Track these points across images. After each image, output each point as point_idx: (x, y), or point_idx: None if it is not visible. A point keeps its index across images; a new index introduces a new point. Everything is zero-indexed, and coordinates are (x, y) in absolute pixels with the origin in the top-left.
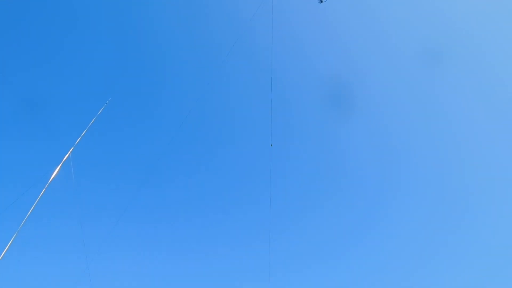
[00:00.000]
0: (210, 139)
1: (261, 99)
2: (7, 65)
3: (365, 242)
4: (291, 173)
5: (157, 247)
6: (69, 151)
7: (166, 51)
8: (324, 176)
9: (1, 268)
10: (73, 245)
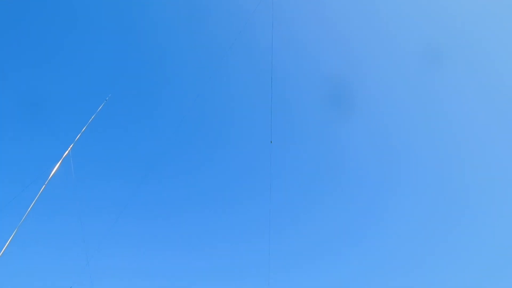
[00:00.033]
0: (210, 136)
1: (261, 96)
2: (6, 62)
3: (365, 240)
4: (291, 170)
5: (157, 244)
6: (69, 147)
7: (165, 48)
8: (324, 173)
9: (1, 265)
10: (73, 242)
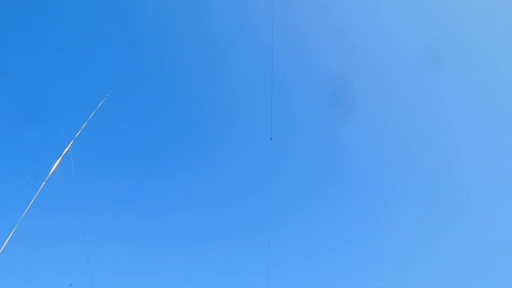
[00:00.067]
0: (210, 133)
1: (262, 94)
2: (7, 59)
3: (364, 237)
4: (291, 167)
5: (157, 241)
6: (69, 144)
7: (165, 45)
8: (324, 171)
9: (1, 262)
10: (73, 239)
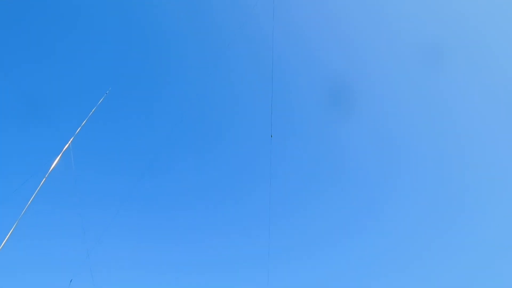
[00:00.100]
0: (211, 130)
1: (262, 91)
2: (8, 55)
3: (364, 234)
4: (291, 165)
5: (157, 237)
6: (69, 141)
7: (166, 42)
8: (324, 169)
9: (1, 257)
10: (73, 235)
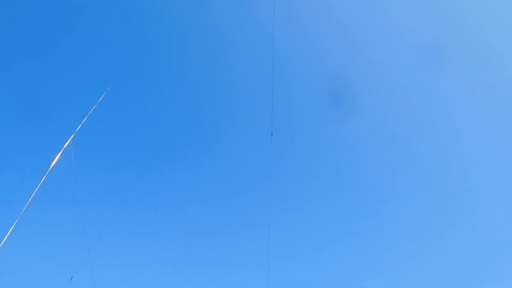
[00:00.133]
0: (211, 127)
1: (263, 90)
2: (8, 53)
3: (364, 234)
4: (292, 163)
5: (157, 234)
6: (70, 138)
7: (166, 39)
8: (325, 167)
9: (2, 254)
10: (74, 232)
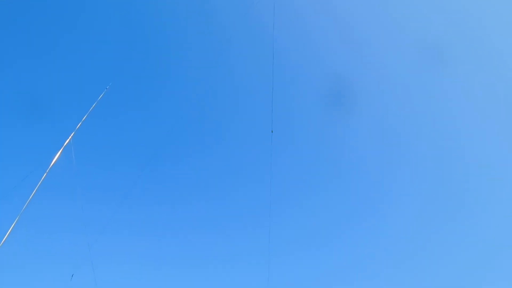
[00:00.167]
0: (211, 125)
1: (263, 87)
2: (8, 50)
3: (364, 232)
4: (292, 161)
5: (158, 230)
6: (70, 136)
7: (166, 37)
8: (325, 164)
9: (3, 252)
10: (74, 230)
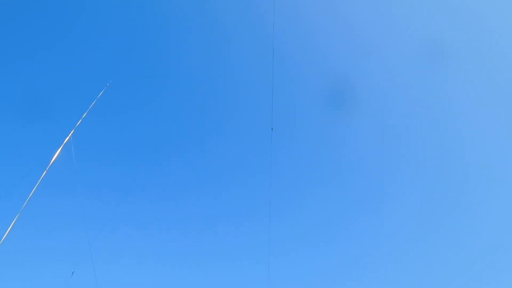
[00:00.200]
0: (212, 122)
1: (263, 85)
2: (8, 48)
3: (364, 231)
4: (292, 160)
5: (158, 228)
6: (70, 133)
7: (166, 35)
8: (325, 163)
9: (3, 249)
10: (74, 227)
